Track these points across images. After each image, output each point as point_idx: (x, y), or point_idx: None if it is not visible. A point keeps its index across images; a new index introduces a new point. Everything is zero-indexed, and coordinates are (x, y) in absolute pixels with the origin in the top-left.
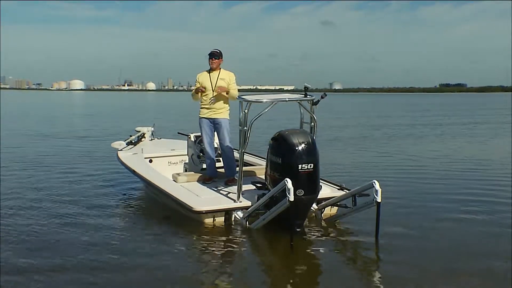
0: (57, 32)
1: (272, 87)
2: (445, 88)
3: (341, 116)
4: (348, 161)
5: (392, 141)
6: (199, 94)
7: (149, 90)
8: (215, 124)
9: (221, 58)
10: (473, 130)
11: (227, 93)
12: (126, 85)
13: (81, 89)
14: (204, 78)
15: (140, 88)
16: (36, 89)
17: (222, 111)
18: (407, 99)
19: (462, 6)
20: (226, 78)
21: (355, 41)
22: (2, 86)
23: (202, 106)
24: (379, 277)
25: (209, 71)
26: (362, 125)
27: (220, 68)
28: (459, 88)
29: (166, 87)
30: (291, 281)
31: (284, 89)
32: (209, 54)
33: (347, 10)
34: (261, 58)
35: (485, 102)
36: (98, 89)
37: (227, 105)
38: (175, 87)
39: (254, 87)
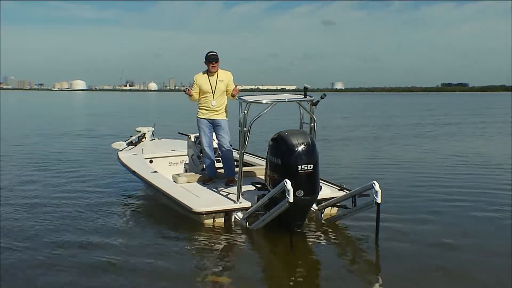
0: (58, 33)
1: (274, 87)
2: (447, 87)
3: (348, 116)
4: (352, 161)
5: (399, 141)
6: (197, 95)
7: (151, 91)
8: (214, 125)
9: (219, 59)
10: (484, 129)
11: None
12: (128, 85)
13: (83, 90)
14: (203, 81)
15: (142, 88)
16: (38, 89)
17: (221, 112)
18: (411, 99)
19: (463, 6)
20: (224, 79)
21: (357, 40)
22: (4, 86)
23: (201, 107)
24: (379, 278)
25: (207, 73)
26: (368, 125)
27: (217, 69)
28: (461, 87)
29: (168, 87)
30: (291, 281)
31: (286, 89)
32: (208, 59)
33: (348, 10)
34: (262, 58)
35: (488, 101)
36: (100, 90)
37: (226, 105)
38: (177, 87)
39: (256, 87)
